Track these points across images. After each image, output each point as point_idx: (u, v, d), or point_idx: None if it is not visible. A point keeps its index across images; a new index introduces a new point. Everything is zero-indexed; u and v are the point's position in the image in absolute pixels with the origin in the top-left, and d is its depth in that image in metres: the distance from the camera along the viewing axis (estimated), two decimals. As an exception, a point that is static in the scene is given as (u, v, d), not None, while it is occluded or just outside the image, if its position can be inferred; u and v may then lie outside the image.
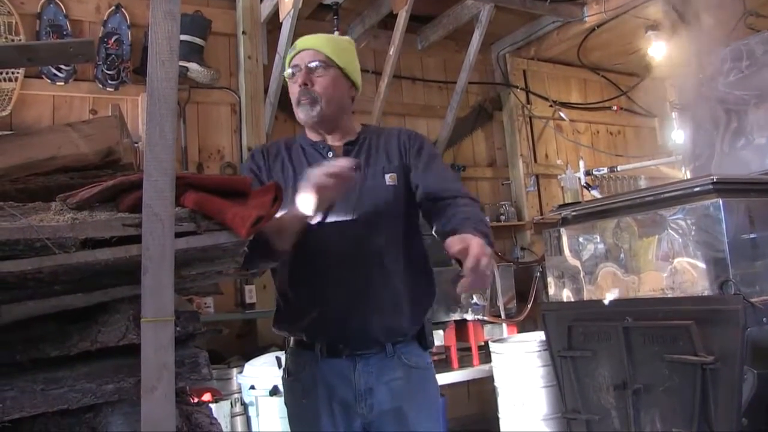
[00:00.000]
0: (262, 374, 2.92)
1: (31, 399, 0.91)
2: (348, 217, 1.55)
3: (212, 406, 2.74)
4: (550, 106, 5.44)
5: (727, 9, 3.89)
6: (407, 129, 1.78)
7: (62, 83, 3.48)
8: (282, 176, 1.64)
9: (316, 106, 1.60)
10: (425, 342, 1.65)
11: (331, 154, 1.64)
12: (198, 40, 3.73)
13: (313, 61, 1.61)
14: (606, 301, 2.72)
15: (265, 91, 4.02)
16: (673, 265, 2.49)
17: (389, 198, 1.59)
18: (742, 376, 2.18)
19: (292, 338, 1.68)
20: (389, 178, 1.61)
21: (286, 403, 1.69)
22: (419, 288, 1.64)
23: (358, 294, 1.55)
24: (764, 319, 2.21)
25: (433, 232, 1.58)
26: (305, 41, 1.66)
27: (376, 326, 1.56)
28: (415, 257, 1.64)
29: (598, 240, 2.83)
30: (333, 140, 1.68)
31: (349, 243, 1.55)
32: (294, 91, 1.64)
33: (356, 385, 1.56)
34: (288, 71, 1.67)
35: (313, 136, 1.70)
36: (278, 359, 2.91)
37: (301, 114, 1.63)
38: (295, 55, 1.66)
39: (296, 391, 1.64)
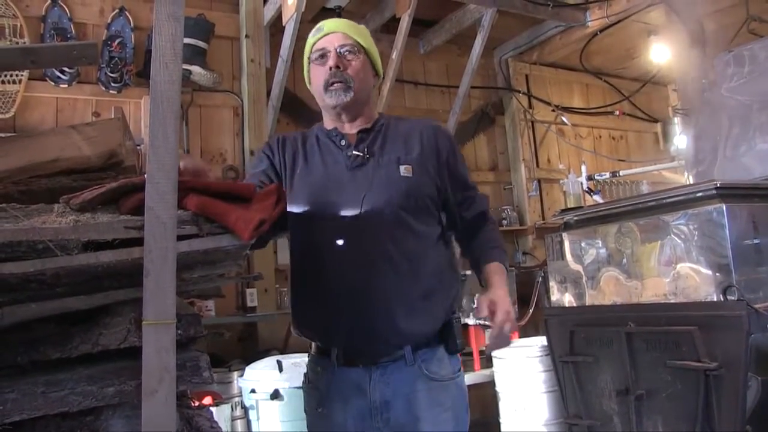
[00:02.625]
0: (262, 378, 2.91)
1: (32, 401, 0.91)
2: (356, 209, 1.47)
3: (213, 409, 2.73)
4: (553, 110, 5.44)
5: (729, 14, 3.89)
6: (435, 123, 1.72)
7: (65, 86, 3.49)
8: (292, 163, 1.59)
9: (350, 90, 1.54)
10: (451, 345, 1.54)
11: (343, 142, 1.58)
12: (201, 44, 3.73)
13: (344, 45, 1.56)
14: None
15: (268, 94, 4.02)
16: (676, 271, 2.49)
17: (402, 189, 1.50)
18: (746, 383, 2.16)
19: (313, 343, 1.60)
20: (404, 169, 1.53)
21: (305, 410, 1.61)
22: (438, 286, 1.53)
23: (368, 293, 1.44)
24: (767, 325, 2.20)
25: (462, 251, 1.69)
26: (333, 24, 1.60)
27: (389, 328, 1.45)
28: (433, 254, 1.54)
29: (600, 245, 2.83)
30: (350, 128, 1.61)
31: (357, 237, 1.46)
32: (321, 73, 1.57)
33: (371, 397, 1.46)
34: (313, 54, 1.59)
35: (330, 124, 1.63)
36: (279, 363, 2.90)
37: (331, 99, 1.56)
38: (321, 38, 1.58)
39: (314, 400, 1.56)
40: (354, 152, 1.55)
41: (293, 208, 1.52)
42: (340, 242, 1.47)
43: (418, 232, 1.52)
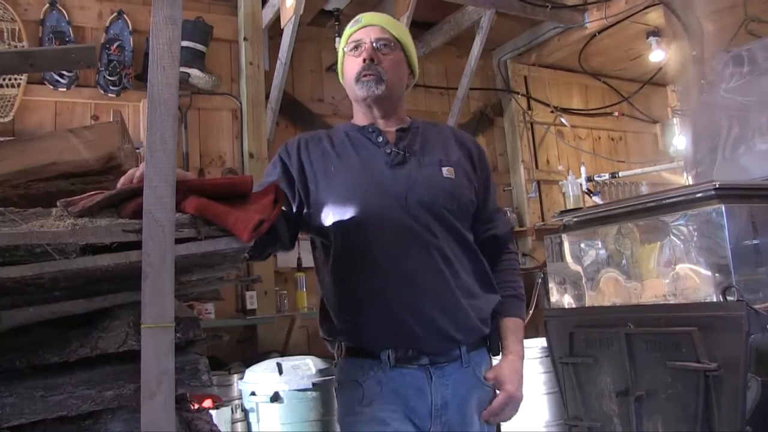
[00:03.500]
0: (262, 380, 2.91)
1: (31, 405, 0.91)
2: (401, 207, 1.44)
3: (213, 412, 2.73)
4: (552, 111, 5.45)
5: (728, 15, 3.89)
6: (463, 131, 1.74)
7: (64, 89, 3.49)
8: (322, 161, 1.52)
9: (382, 83, 1.50)
10: (493, 346, 1.53)
11: (380, 138, 1.53)
12: (199, 46, 3.74)
13: (380, 39, 1.53)
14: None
15: (267, 97, 4.02)
16: (676, 272, 2.49)
17: (446, 189, 1.48)
18: (746, 384, 2.16)
19: (345, 346, 1.50)
20: (446, 171, 1.50)
21: (343, 411, 1.49)
22: (486, 288, 1.52)
23: (426, 291, 1.41)
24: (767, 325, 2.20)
25: None
26: (372, 17, 1.57)
27: (449, 322, 1.42)
28: (478, 258, 1.53)
29: (600, 246, 2.82)
30: (385, 125, 1.57)
31: (406, 236, 1.42)
32: (354, 65, 1.53)
33: (433, 399, 1.41)
34: (348, 45, 1.56)
35: (362, 120, 1.59)
36: (279, 365, 2.90)
37: (361, 91, 1.51)
38: (357, 30, 1.56)
39: (355, 398, 1.43)
40: (394, 149, 1.51)
41: (330, 208, 1.47)
42: (391, 242, 1.42)
43: (462, 234, 1.50)
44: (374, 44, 1.52)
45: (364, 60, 1.50)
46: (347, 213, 1.45)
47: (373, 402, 1.41)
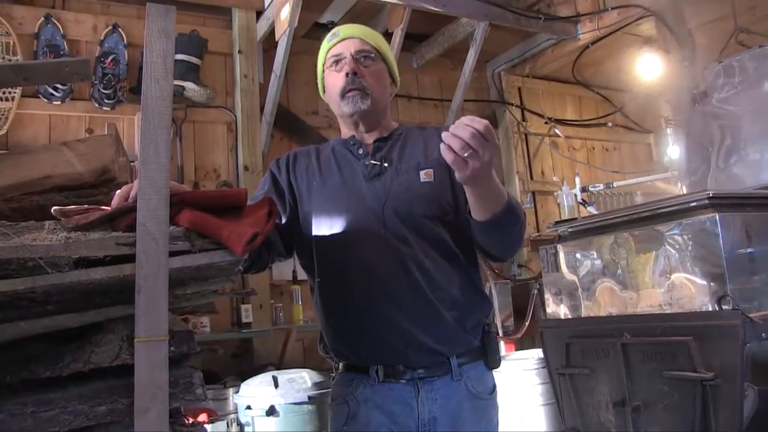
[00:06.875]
0: (258, 394, 2.89)
1: (21, 422, 0.89)
2: (378, 222, 1.42)
3: (208, 426, 2.71)
4: (546, 123, 5.47)
5: (718, 26, 3.93)
6: None
7: (59, 103, 3.49)
8: (306, 175, 1.53)
9: (367, 98, 1.48)
10: (491, 360, 1.50)
11: (361, 151, 1.52)
12: (194, 60, 3.75)
13: (360, 51, 1.50)
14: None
15: (261, 109, 4.03)
16: (671, 281, 2.49)
17: (424, 195, 1.44)
18: (743, 392, 2.16)
19: (341, 363, 1.51)
20: (424, 174, 1.46)
21: (333, 429, 1.49)
22: (471, 296, 1.48)
23: (404, 302, 1.39)
24: (763, 334, 2.20)
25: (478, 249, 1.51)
26: (350, 29, 1.55)
27: (430, 336, 1.39)
28: (462, 264, 1.48)
29: (595, 256, 2.82)
30: (369, 138, 1.55)
31: (384, 251, 1.40)
32: (337, 81, 1.50)
33: (420, 414, 1.39)
34: (328, 60, 1.54)
35: (347, 133, 1.57)
36: (275, 379, 2.88)
37: (347, 107, 1.49)
38: (336, 43, 1.53)
39: (341, 416, 1.44)
40: (371, 161, 1.49)
41: (314, 225, 1.47)
42: (368, 258, 1.41)
43: (445, 242, 1.45)
44: (355, 57, 1.50)
45: (347, 74, 1.48)
46: (326, 230, 1.45)
47: (356, 419, 1.41)
